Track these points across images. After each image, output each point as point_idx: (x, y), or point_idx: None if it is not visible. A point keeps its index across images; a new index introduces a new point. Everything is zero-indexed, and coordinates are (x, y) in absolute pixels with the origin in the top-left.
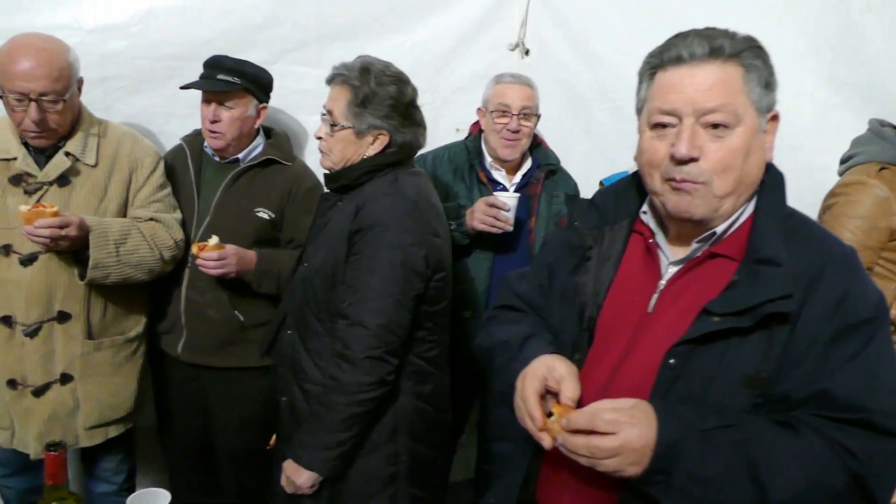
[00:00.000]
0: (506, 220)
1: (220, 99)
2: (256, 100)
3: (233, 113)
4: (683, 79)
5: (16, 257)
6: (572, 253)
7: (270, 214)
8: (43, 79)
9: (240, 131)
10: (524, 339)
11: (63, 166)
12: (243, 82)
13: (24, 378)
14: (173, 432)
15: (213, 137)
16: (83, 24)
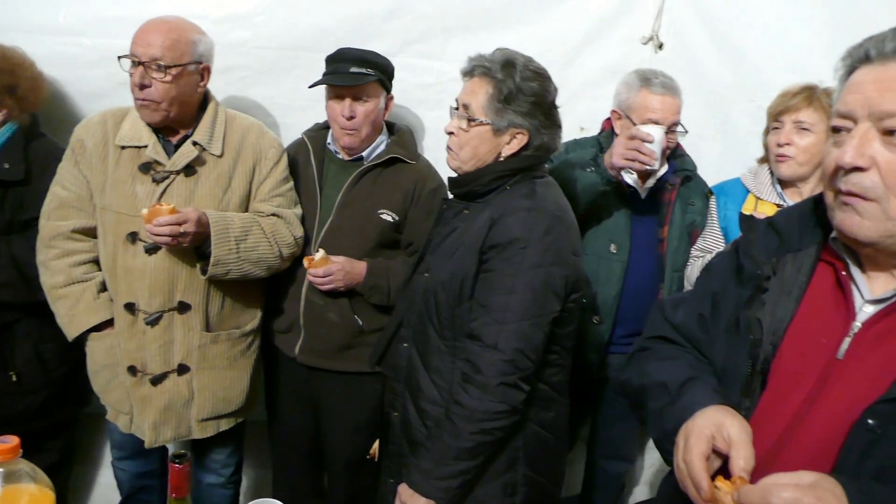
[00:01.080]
0: (650, 153)
1: (355, 93)
2: (385, 91)
3: (367, 107)
4: (866, 77)
5: (141, 245)
6: (744, 282)
7: (394, 217)
8: (154, 46)
9: (373, 126)
10: (683, 382)
11: (190, 155)
12: (376, 73)
13: (143, 365)
14: (282, 431)
15: (349, 135)
16: (210, 14)
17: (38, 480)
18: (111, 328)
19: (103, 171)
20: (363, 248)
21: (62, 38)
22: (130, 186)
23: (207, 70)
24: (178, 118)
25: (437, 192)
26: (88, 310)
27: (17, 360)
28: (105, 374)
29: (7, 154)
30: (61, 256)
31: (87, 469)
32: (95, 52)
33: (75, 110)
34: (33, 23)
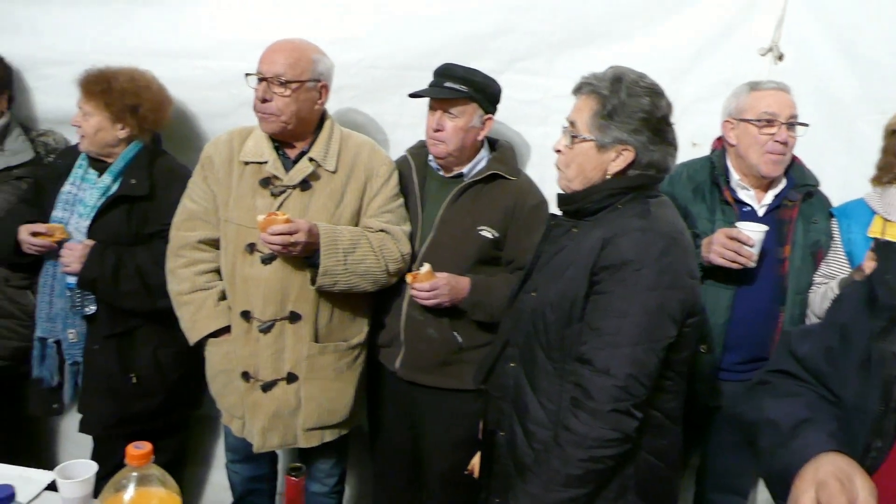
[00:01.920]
0: (748, 256)
1: (446, 107)
2: (482, 110)
3: (456, 122)
4: None
5: (258, 256)
6: (878, 313)
7: (494, 234)
8: (277, 63)
9: (462, 142)
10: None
11: (306, 171)
12: (470, 91)
13: (256, 372)
14: (382, 443)
15: (434, 144)
16: (323, 37)
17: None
18: (228, 335)
19: (228, 186)
20: (462, 265)
21: (189, 62)
22: (251, 200)
23: (325, 88)
24: (295, 132)
25: (538, 209)
26: (209, 316)
27: (137, 364)
28: (221, 379)
29: (133, 171)
30: (187, 265)
31: (200, 469)
32: (218, 75)
33: (200, 129)
34: (164, 48)
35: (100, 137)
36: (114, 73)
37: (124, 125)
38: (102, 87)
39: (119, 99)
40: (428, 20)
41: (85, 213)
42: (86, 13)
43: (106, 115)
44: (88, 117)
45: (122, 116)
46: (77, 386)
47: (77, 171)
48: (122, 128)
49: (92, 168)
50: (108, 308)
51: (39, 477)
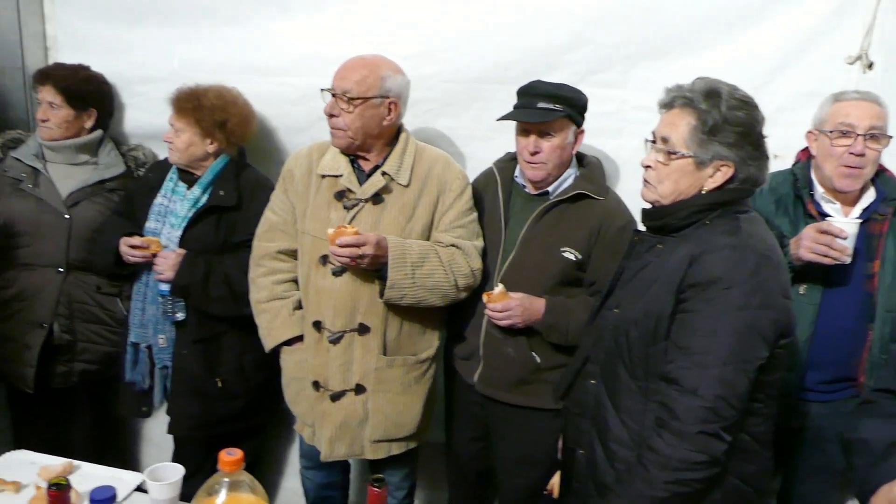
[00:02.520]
0: (841, 250)
1: (540, 129)
2: (575, 124)
3: (553, 142)
4: None
5: (330, 267)
6: None
7: (577, 255)
8: (346, 80)
9: (560, 160)
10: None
11: (378, 185)
12: (564, 109)
13: (325, 381)
14: (457, 457)
15: (534, 168)
16: (400, 52)
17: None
18: (301, 343)
19: (306, 199)
20: (543, 286)
21: (272, 78)
22: (326, 212)
23: (395, 105)
24: (364, 147)
25: (624, 230)
26: (284, 325)
27: (223, 368)
28: (294, 386)
29: (221, 183)
30: (267, 274)
31: (274, 474)
32: (298, 90)
33: (280, 143)
34: (249, 65)
35: (190, 152)
36: (203, 90)
37: (213, 140)
38: (193, 104)
39: (209, 115)
40: (502, 34)
41: (176, 224)
42: (175, 33)
43: (196, 131)
44: (180, 133)
45: (211, 131)
46: (166, 389)
47: (168, 184)
48: (210, 142)
49: (181, 181)
50: (197, 314)
51: (130, 478)
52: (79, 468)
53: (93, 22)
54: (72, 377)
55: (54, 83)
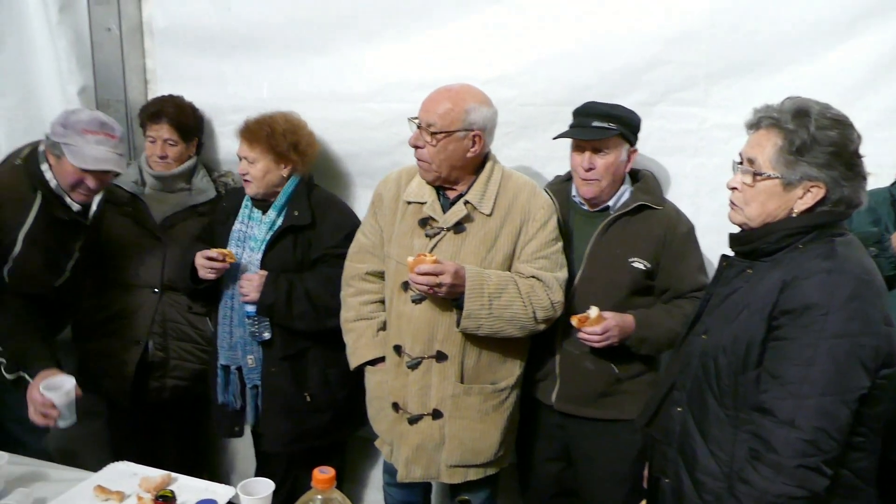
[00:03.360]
0: None
1: (595, 146)
2: (628, 143)
3: (607, 159)
4: None
5: (410, 294)
6: None
7: (646, 264)
8: (431, 112)
9: (613, 177)
10: None
11: (460, 214)
12: (618, 127)
13: (404, 404)
14: (536, 479)
15: (588, 185)
16: (479, 76)
17: None
18: (384, 364)
19: (392, 223)
20: (616, 298)
21: (355, 105)
22: (409, 239)
23: (479, 137)
24: (450, 178)
25: (688, 235)
26: (367, 345)
27: (310, 383)
28: (375, 405)
29: (295, 203)
30: (355, 294)
31: (358, 487)
32: (381, 116)
33: (361, 166)
34: (332, 92)
35: (268, 179)
36: (270, 117)
37: (287, 163)
38: (266, 131)
39: (282, 139)
40: (580, 56)
41: (256, 247)
42: (264, 64)
43: (271, 158)
44: (255, 163)
45: (285, 155)
46: (257, 408)
47: (244, 211)
48: (285, 166)
49: (256, 207)
50: (282, 332)
51: (223, 492)
52: (176, 480)
53: (188, 56)
54: (164, 392)
55: (169, 121)
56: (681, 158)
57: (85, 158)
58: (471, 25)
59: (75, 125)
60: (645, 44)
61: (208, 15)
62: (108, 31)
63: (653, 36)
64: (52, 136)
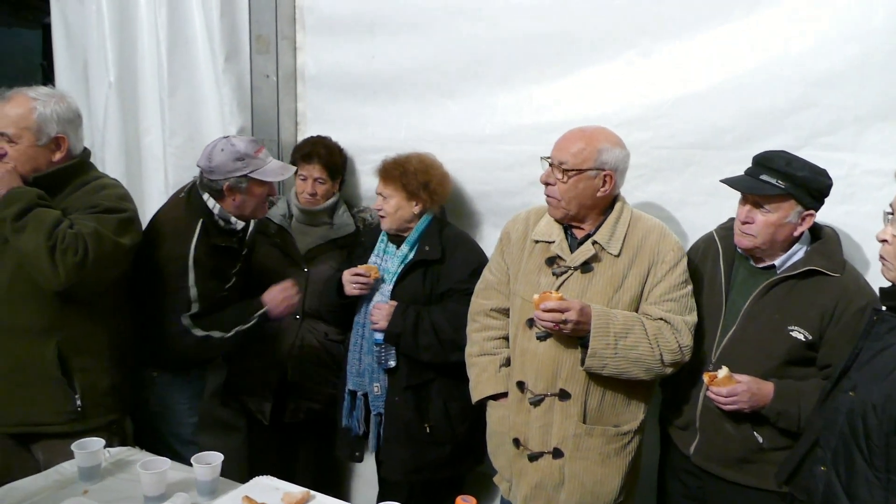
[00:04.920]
0: None
1: (756, 200)
2: (801, 206)
3: (768, 217)
4: None
5: (535, 331)
6: None
7: (807, 335)
8: (563, 151)
9: (773, 237)
10: None
11: (587, 253)
12: (787, 187)
13: (525, 441)
14: None
15: (742, 236)
16: (611, 118)
17: None
18: (506, 400)
19: (519, 261)
20: (767, 366)
21: (488, 146)
22: (536, 277)
23: (610, 177)
24: (578, 217)
25: (864, 312)
26: (490, 380)
27: (432, 414)
28: (496, 440)
29: (427, 239)
30: (479, 330)
31: None
32: (512, 157)
33: (491, 205)
34: (466, 134)
35: (399, 215)
36: (405, 157)
37: (418, 201)
38: (399, 170)
39: (413, 178)
40: (719, 98)
41: (388, 279)
42: (402, 107)
43: (403, 195)
44: (389, 199)
45: (416, 193)
46: (379, 435)
47: (380, 245)
48: (416, 203)
49: (391, 242)
50: (407, 362)
51: None
52: (314, 498)
53: (335, 100)
54: (299, 413)
55: (320, 161)
56: (827, 206)
57: (273, 172)
58: (605, 70)
59: (246, 152)
60: (789, 85)
61: (354, 63)
62: (266, 77)
63: (798, 77)
64: (229, 174)
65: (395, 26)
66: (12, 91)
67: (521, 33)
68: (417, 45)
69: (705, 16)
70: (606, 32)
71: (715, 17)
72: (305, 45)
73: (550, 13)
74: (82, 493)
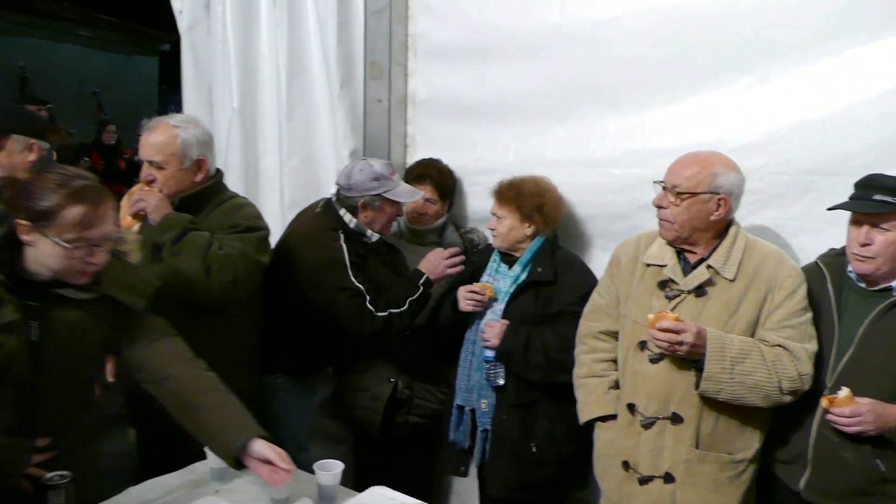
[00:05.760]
0: None
1: (874, 221)
2: None
3: (888, 236)
4: None
5: (648, 353)
6: None
7: None
8: (677, 174)
9: (891, 256)
10: None
11: (702, 277)
12: None
13: (635, 464)
14: None
15: (860, 261)
16: (726, 143)
17: None
18: (615, 422)
19: (630, 284)
20: (888, 389)
21: (597, 169)
22: (647, 300)
23: (725, 201)
24: (691, 240)
25: None
26: (597, 402)
27: (538, 434)
28: (603, 462)
29: (539, 260)
30: (588, 352)
31: None
32: (622, 181)
33: (599, 229)
34: (574, 157)
35: (512, 236)
36: (521, 180)
37: (531, 223)
38: (514, 192)
39: (528, 201)
40: (842, 123)
41: (500, 298)
42: (511, 131)
43: (517, 217)
44: (502, 220)
45: (530, 215)
46: (484, 452)
47: (492, 265)
48: (529, 225)
49: (503, 262)
50: (515, 380)
51: None
52: None
53: (444, 124)
54: (406, 428)
55: (431, 182)
56: None
57: (404, 194)
58: (720, 95)
59: (382, 174)
60: None
61: (463, 88)
62: (378, 102)
63: None
64: (365, 192)
65: (507, 52)
66: (153, 121)
67: (633, 58)
68: (528, 70)
69: (827, 42)
70: (722, 58)
71: (837, 42)
72: (416, 70)
73: (664, 39)
74: (214, 492)
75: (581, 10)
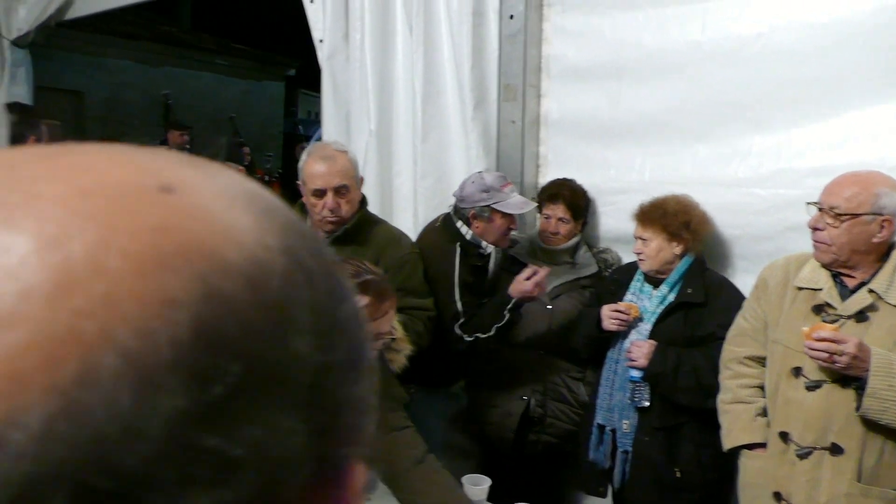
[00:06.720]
0: None
1: None
2: None
3: None
4: None
5: (803, 380)
6: None
7: None
8: (836, 195)
9: None
10: None
11: (863, 302)
12: None
13: (788, 495)
14: None
15: None
16: (886, 163)
17: None
18: (763, 450)
19: (779, 308)
20: None
21: (738, 190)
22: (801, 324)
23: (889, 222)
24: (850, 263)
25: None
26: (743, 428)
27: (682, 459)
28: (750, 493)
29: (689, 281)
30: (732, 377)
31: None
32: (767, 201)
33: (741, 251)
34: (714, 178)
35: (661, 257)
36: (662, 199)
37: (679, 242)
38: (659, 212)
39: (673, 219)
40: None
41: (647, 318)
42: (646, 150)
43: (664, 237)
44: (649, 242)
45: (678, 234)
46: (624, 473)
47: (635, 284)
48: (677, 245)
49: (647, 282)
50: (661, 402)
51: None
52: None
53: (576, 143)
54: (538, 446)
55: (565, 202)
56: None
57: (515, 206)
58: (875, 113)
59: (493, 185)
60: None
61: (597, 108)
62: (512, 123)
63: None
64: (475, 203)
65: (643, 71)
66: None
67: (780, 76)
68: (666, 89)
69: None
70: (877, 76)
71: None
72: (550, 91)
73: (812, 57)
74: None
75: (724, 27)
